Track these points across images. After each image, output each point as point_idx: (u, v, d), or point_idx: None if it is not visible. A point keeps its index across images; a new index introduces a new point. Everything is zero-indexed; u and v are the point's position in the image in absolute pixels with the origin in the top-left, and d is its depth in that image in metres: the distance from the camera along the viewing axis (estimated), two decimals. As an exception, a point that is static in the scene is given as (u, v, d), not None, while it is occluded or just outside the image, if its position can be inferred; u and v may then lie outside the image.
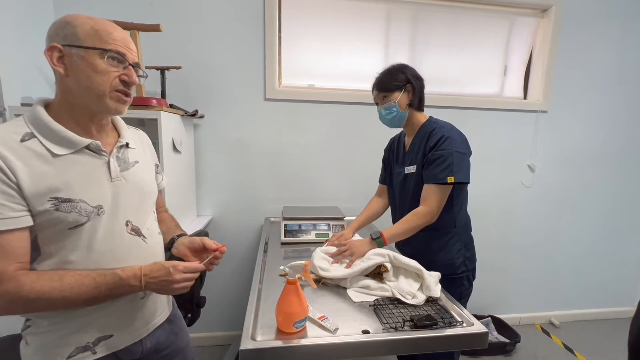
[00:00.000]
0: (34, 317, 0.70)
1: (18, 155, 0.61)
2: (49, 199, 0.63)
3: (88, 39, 0.66)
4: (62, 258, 0.67)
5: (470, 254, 1.26)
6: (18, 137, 0.63)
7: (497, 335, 2.09)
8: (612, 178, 2.28)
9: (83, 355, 0.71)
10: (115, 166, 0.73)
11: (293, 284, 0.80)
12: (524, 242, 2.26)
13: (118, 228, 0.73)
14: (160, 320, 0.86)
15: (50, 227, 0.65)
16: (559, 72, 2.09)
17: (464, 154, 1.16)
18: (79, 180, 0.67)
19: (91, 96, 0.67)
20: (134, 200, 0.76)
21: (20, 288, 0.60)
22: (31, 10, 1.54)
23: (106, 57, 0.67)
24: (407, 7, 1.95)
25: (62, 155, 0.66)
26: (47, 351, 0.70)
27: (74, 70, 0.66)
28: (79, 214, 0.66)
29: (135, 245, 0.76)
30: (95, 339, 0.72)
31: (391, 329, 0.83)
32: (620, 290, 2.44)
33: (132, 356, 0.79)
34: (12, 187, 0.60)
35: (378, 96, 1.26)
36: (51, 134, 0.66)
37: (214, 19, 1.77)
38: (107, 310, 0.73)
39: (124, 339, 0.76)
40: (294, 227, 1.55)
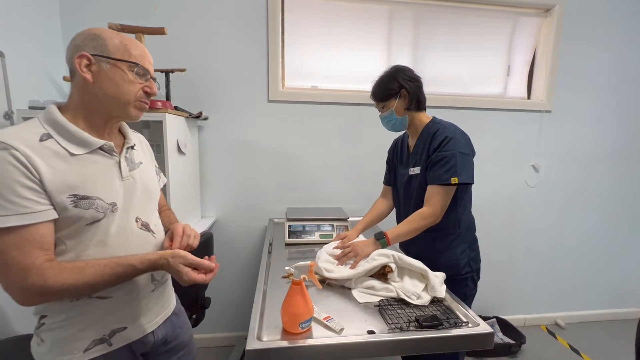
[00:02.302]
0: (49, 313, 0.72)
1: (39, 154, 0.65)
2: (68, 196, 0.67)
3: (118, 52, 0.72)
4: (78, 253, 0.70)
5: (475, 254, 1.26)
6: (37, 137, 0.67)
7: (502, 336, 2.08)
8: (617, 178, 2.26)
9: (100, 347, 0.74)
10: (125, 166, 0.78)
11: (298, 285, 0.80)
12: (528, 243, 2.25)
13: (130, 224, 0.77)
14: (168, 313, 0.90)
15: (70, 224, 0.68)
16: (562, 71, 2.08)
17: (468, 155, 1.16)
18: (94, 178, 0.71)
19: (116, 103, 0.73)
20: (141, 198, 0.81)
21: (45, 281, 0.63)
22: (38, 15, 1.56)
23: (134, 71, 0.73)
24: (410, 8, 1.96)
25: (79, 155, 0.70)
26: (65, 345, 0.72)
27: (102, 78, 0.71)
28: (96, 210, 0.70)
29: (145, 240, 0.80)
30: (110, 331, 0.75)
31: (396, 329, 0.83)
32: (627, 291, 2.42)
33: (144, 348, 0.83)
34: (36, 183, 0.63)
35: (377, 105, 1.28)
36: (68, 135, 0.70)
37: (218, 22, 1.78)
38: (120, 303, 0.76)
39: (137, 330, 0.80)
40: (298, 228, 1.55)
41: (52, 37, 1.65)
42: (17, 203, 0.62)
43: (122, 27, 1.39)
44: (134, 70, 0.73)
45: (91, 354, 0.73)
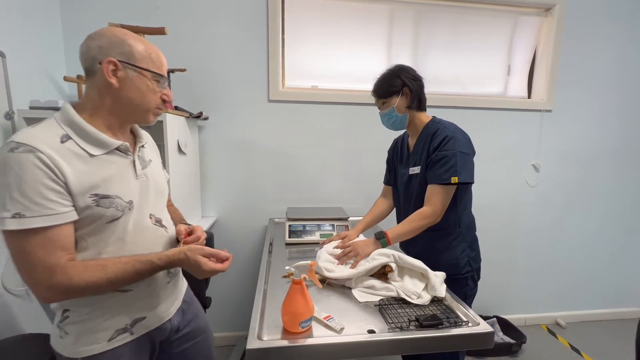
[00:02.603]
0: (73, 307, 0.75)
1: (62, 156, 0.66)
2: (90, 196, 0.69)
3: (143, 61, 0.75)
4: (98, 250, 0.73)
5: (475, 254, 1.26)
6: (58, 139, 0.68)
7: (503, 335, 2.08)
8: (617, 177, 2.26)
9: (122, 336, 0.78)
10: (138, 165, 0.81)
11: (299, 284, 0.80)
12: (529, 242, 2.25)
13: (145, 220, 0.80)
14: (180, 302, 0.94)
15: (91, 222, 0.71)
16: (563, 71, 2.08)
17: (468, 154, 1.16)
18: (113, 178, 0.73)
19: (138, 109, 0.77)
20: (154, 195, 0.84)
21: (70, 279, 0.66)
22: (38, 15, 1.56)
23: (158, 80, 0.78)
24: (410, 8, 1.96)
25: (97, 156, 0.72)
26: (89, 336, 0.75)
27: (127, 85, 0.74)
28: (115, 208, 0.73)
29: (159, 235, 0.84)
30: (131, 321, 0.79)
31: (397, 328, 0.83)
32: (627, 290, 2.42)
33: (162, 335, 0.88)
34: (61, 185, 0.65)
35: (378, 102, 1.27)
36: (86, 136, 0.71)
37: (218, 21, 1.78)
38: (139, 296, 0.80)
39: (155, 319, 0.84)
40: (299, 227, 1.56)
41: (52, 37, 1.65)
42: (42, 205, 0.63)
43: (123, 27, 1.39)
44: (158, 80, 0.77)
45: (115, 342, 0.77)
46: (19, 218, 0.62)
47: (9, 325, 1.40)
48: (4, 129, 1.37)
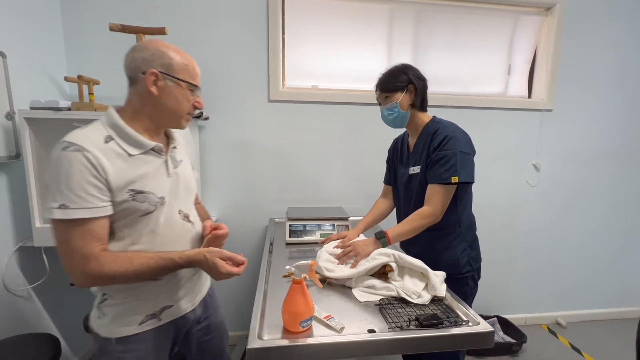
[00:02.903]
0: (111, 292, 0.83)
1: (105, 155, 0.75)
2: (128, 191, 0.77)
3: (180, 72, 0.82)
4: (133, 240, 0.81)
5: (475, 253, 1.26)
6: (102, 140, 0.76)
7: (503, 335, 2.08)
8: (618, 177, 2.26)
9: (151, 321, 0.86)
10: (170, 164, 0.88)
11: (299, 284, 0.81)
12: (529, 242, 2.25)
13: (174, 215, 0.88)
14: (203, 294, 1.02)
15: (127, 215, 0.79)
16: (563, 70, 2.08)
17: (468, 154, 1.16)
18: (148, 175, 0.81)
19: (173, 115, 0.85)
20: (183, 193, 0.92)
21: (102, 267, 0.73)
22: (39, 15, 1.56)
23: (194, 91, 0.85)
24: (410, 7, 1.95)
25: (135, 155, 0.80)
26: (123, 319, 0.83)
27: (165, 93, 0.81)
28: (149, 203, 0.80)
29: (186, 229, 0.91)
30: (160, 308, 0.87)
31: (397, 328, 0.83)
32: (628, 290, 2.41)
33: (187, 324, 0.96)
34: (102, 182, 0.74)
35: (380, 96, 1.26)
36: (126, 137, 0.80)
37: (218, 22, 1.78)
38: (168, 286, 0.88)
39: (181, 308, 0.92)
40: (299, 227, 1.56)
41: (53, 37, 1.65)
42: (84, 198, 0.71)
43: (123, 27, 1.40)
44: (192, 90, 0.85)
45: (145, 326, 0.85)
46: (64, 209, 0.70)
47: (10, 325, 1.41)
48: (5, 129, 1.37)
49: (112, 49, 1.70)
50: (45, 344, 1.20)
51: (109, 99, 1.68)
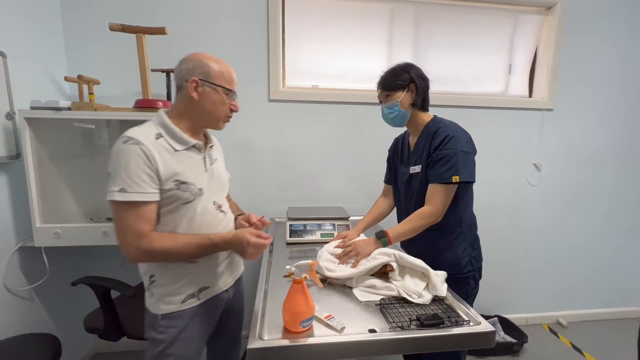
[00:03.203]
0: (157, 274, 0.96)
1: (156, 149, 0.87)
2: (173, 181, 0.89)
3: (217, 78, 0.94)
4: (174, 225, 0.93)
5: (476, 253, 1.26)
6: (153, 136, 0.90)
7: (504, 335, 2.08)
8: (619, 176, 2.26)
9: (191, 300, 0.98)
10: (207, 160, 1.01)
11: (299, 284, 0.81)
12: (530, 242, 2.25)
13: (209, 205, 0.99)
14: (235, 277, 1.15)
15: (171, 202, 0.91)
16: (564, 70, 2.07)
17: (469, 153, 1.16)
18: (189, 168, 0.94)
19: (211, 118, 0.97)
20: (217, 186, 1.05)
21: (151, 244, 0.86)
22: (39, 15, 1.56)
23: (230, 95, 0.97)
24: (411, 7, 1.95)
25: (179, 150, 0.93)
26: (167, 298, 0.96)
27: (204, 98, 0.94)
28: (190, 193, 0.92)
29: (219, 218, 1.03)
30: (198, 289, 0.99)
31: (398, 328, 0.83)
32: (629, 289, 2.41)
33: (221, 304, 1.09)
34: (154, 171, 0.86)
35: (381, 94, 1.26)
36: (173, 135, 0.93)
37: (218, 21, 1.78)
38: (204, 269, 1.00)
39: (216, 289, 1.04)
40: (299, 227, 1.56)
41: (53, 37, 1.65)
42: (139, 184, 0.84)
43: (123, 27, 1.40)
44: (228, 94, 0.96)
45: (186, 305, 0.97)
46: (123, 192, 0.83)
47: (11, 325, 1.41)
48: (5, 129, 1.37)
49: (112, 49, 1.71)
50: (45, 344, 1.20)
51: (109, 98, 1.68)
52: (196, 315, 1.00)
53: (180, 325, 0.96)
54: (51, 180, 1.48)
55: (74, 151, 1.59)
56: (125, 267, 1.91)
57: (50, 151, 1.46)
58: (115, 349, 1.89)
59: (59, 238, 1.43)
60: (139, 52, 1.42)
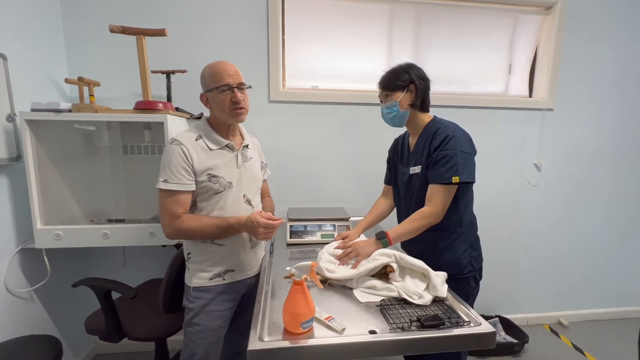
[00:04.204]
0: (192, 252, 1.16)
1: (194, 148, 1.07)
2: (207, 175, 1.08)
3: (210, 83, 1.08)
4: (208, 212, 1.11)
5: (477, 253, 1.26)
6: (194, 138, 1.10)
7: (505, 335, 2.07)
8: (620, 175, 2.25)
9: (217, 279, 1.16)
10: (240, 158, 1.17)
11: (300, 285, 0.80)
12: (531, 242, 2.24)
13: (239, 198, 1.16)
14: (258, 269, 1.26)
15: (204, 192, 1.10)
16: (564, 69, 2.07)
17: (469, 154, 1.15)
18: (221, 165, 1.11)
19: (224, 117, 1.11)
20: (249, 182, 1.19)
21: (181, 224, 1.06)
22: (40, 17, 1.57)
23: (221, 91, 1.06)
24: (410, 7, 1.95)
25: (214, 150, 1.11)
26: (199, 274, 1.15)
27: (212, 105, 1.11)
28: (220, 185, 1.11)
29: (248, 210, 1.17)
30: (224, 270, 1.16)
31: (398, 329, 0.83)
32: (631, 289, 2.40)
33: (243, 289, 1.23)
34: (190, 166, 1.06)
35: (381, 94, 1.26)
36: (210, 136, 1.12)
37: (218, 23, 1.79)
38: (230, 251, 1.16)
39: (240, 274, 1.20)
40: (300, 228, 1.56)
41: (53, 39, 1.66)
42: (177, 177, 1.04)
43: (124, 28, 1.40)
44: (221, 92, 1.06)
45: (213, 282, 1.15)
46: (165, 182, 1.04)
47: (12, 327, 1.41)
48: (6, 130, 1.38)
49: (112, 51, 1.71)
50: (46, 346, 1.20)
51: (109, 100, 1.68)
52: (221, 293, 1.15)
53: (207, 298, 1.13)
54: (52, 182, 1.48)
55: (75, 153, 1.59)
56: (126, 269, 1.92)
57: (51, 153, 1.47)
58: (116, 350, 1.89)
59: (59, 239, 1.43)
60: (139, 54, 1.42)
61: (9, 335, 1.26)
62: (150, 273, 1.81)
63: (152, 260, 1.90)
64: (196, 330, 1.13)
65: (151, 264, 1.89)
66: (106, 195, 1.65)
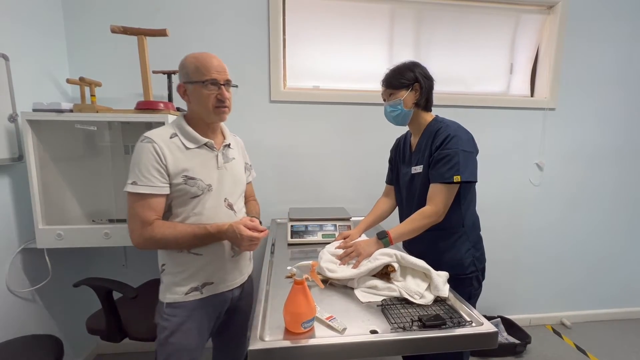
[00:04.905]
0: (167, 263, 1.03)
1: (168, 147, 0.96)
2: (182, 176, 0.96)
3: (194, 75, 0.97)
4: (184, 217, 0.99)
5: (480, 254, 1.25)
6: (168, 135, 0.98)
7: (507, 336, 2.06)
8: (622, 175, 2.24)
9: (194, 293, 1.02)
10: (220, 159, 1.05)
11: (301, 285, 0.80)
12: (533, 242, 2.23)
13: (219, 202, 1.04)
14: (243, 279, 1.15)
15: (180, 196, 0.98)
16: (566, 69, 2.06)
17: (471, 153, 1.15)
18: (199, 165, 0.99)
19: (204, 113, 1.00)
20: (230, 185, 1.08)
21: (153, 231, 0.93)
22: (41, 18, 1.57)
23: (206, 85, 0.96)
24: (411, 7, 1.95)
25: (191, 149, 1.00)
26: (173, 288, 1.02)
27: (191, 98, 0.99)
28: (197, 188, 0.98)
29: (229, 216, 1.06)
30: (202, 283, 1.03)
31: (399, 329, 0.83)
32: (634, 289, 2.39)
33: (225, 302, 1.11)
34: (163, 167, 0.94)
35: (385, 92, 1.25)
36: (186, 134, 1.00)
37: (219, 22, 1.79)
38: (209, 262, 1.03)
39: (220, 286, 1.07)
40: (301, 228, 1.56)
41: (55, 39, 1.66)
42: (148, 178, 0.93)
43: (125, 29, 1.40)
44: (206, 86, 0.96)
45: (189, 297, 1.02)
46: (134, 185, 0.92)
47: (13, 327, 1.41)
48: (8, 131, 1.38)
49: (113, 51, 1.72)
50: (47, 346, 1.20)
51: (110, 100, 1.69)
52: (198, 309, 1.03)
53: (182, 315, 1.01)
54: (53, 182, 1.49)
55: (76, 153, 1.59)
56: (127, 269, 1.92)
57: (52, 153, 1.47)
58: (118, 350, 1.90)
59: (61, 239, 1.43)
60: (140, 54, 1.43)
61: (10, 335, 1.27)
62: (151, 273, 1.81)
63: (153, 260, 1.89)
64: (172, 350, 1.01)
65: (152, 264, 1.89)
66: (107, 195, 1.65)
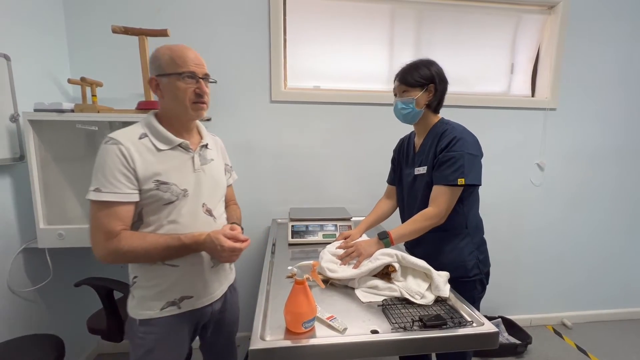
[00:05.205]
0: (139, 276, 0.92)
1: (136, 149, 0.86)
2: (153, 181, 0.86)
3: (168, 67, 0.88)
4: (156, 227, 0.89)
5: (484, 257, 1.23)
6: (137, 136, 0.88)
7: (508, 336, 2.06)
8: (623, 176, 2.24)
9: (171, 308, 0.93)
10: (197, 160, 0.96)
11: (301, 284, 0.80)
12: (534, 242, 2.23)
13: (197, 208, 0.94)
14: (224, 289, 1.06)
15: (152, 203, 0.88)
16: (567, 69, 2.06)
17: (476, 156, 1.14)
18: (172, 168, 0.90)
19: (179, 108, 0.90)
20: (209, 189, 0.98)
21: (119, 243, 0.83)
22: (43, 18, 1.57)
23: (183, 78, 0.88)
24: (412, 7, 1.95)
25: (163, 150, 0.90)
26: (147, 303, 0.92)
27: (165, 92, 0.90)
28: (171, 193, 0.89)
29: (207, 222, 0.96)
30: (180, 297, 0.93)
31: (400, 329, 0.83)
32: (635, 289, 2.38)
33: (205, 317, 1.01)
34: (131, 172, 0.84)
35: (399, 87, 1.23)
36: (157, 134, 0.90)
37: (220, 23, 1.79)
38: (187, 276, 0.94)
39: (200, 300, 0.97)
40: (301, 228, 1.56)
41: (56, 39, 1.66)
42: (114, 184, 0.82)
43: (126, 29, 1.41)
44: (183, 78, 0.88)
45: (165, 312, 0.92)
46: (97, 192, 0.82)
47: (15, 326, 1.41)
48: (9, 131, 1.38)
49: (114, 51, 1.72)
50: (49, 345, 1.20)
51: (111, 100, 1.69)
52: (176, 325, 0.94)
53: (158, 333, 0.92)
54: (55, 182, 1.49)
55: (77, 153, 1.59)
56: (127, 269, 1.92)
57: (53, 153, 1.47)
58: (118, 350, 1.90)
59: (62, 239, 1.44)
60: (141, 54, 1.43)
61: (12, 334, 1.27)
62: (152, 273, 1.82)
63: (154, 260, 1.90)
64: None
65: (153, 264, 1.90)
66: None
